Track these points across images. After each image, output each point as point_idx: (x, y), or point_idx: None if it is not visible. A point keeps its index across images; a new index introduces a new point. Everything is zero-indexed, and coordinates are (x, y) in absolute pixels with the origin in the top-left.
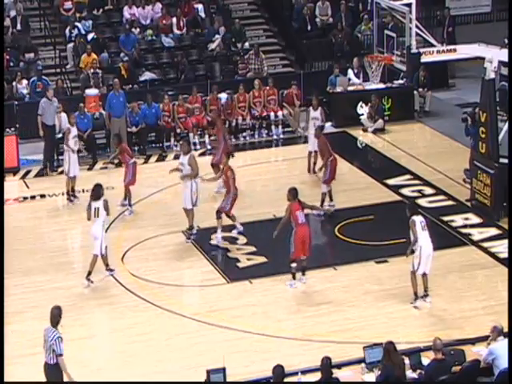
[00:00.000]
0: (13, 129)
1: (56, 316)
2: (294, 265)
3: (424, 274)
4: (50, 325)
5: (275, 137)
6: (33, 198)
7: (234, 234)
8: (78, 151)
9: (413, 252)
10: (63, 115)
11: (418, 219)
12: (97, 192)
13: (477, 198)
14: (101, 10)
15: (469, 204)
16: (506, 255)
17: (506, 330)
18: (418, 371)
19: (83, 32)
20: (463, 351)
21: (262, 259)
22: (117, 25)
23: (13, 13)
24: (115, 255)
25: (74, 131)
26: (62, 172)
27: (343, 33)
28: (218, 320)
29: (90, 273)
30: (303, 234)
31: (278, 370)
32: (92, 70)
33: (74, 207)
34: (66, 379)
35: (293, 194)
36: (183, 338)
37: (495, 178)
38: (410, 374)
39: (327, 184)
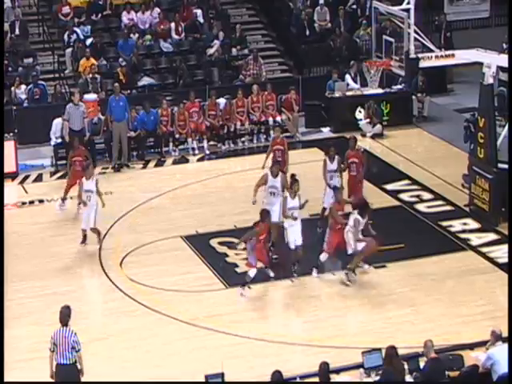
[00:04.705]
0: (11, 134)
1: (66, 316)
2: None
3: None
4: (61, 325)
5: None
6: (31, 203)
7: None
8: None
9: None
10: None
11: None
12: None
13: (475, 203)
14: (99, 15)
15: (467, 209)
16: (504, 260)
17: (505, 334)
18: (414, 373)
19: (82, 37)
20: (462, 356)
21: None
22: (115, 30)
23: (11, 18)
24: (114, 260)
25: None
26: (61, 177)
27: (342, 38)
28: (217, 325)
29: None
30: None
31: (276, 376)
32: (91, 75)
33: (71, 212)
34: (82, 379)
35: None
36: (181, 343)
37: (494, 183)
38: (408, 378)
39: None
